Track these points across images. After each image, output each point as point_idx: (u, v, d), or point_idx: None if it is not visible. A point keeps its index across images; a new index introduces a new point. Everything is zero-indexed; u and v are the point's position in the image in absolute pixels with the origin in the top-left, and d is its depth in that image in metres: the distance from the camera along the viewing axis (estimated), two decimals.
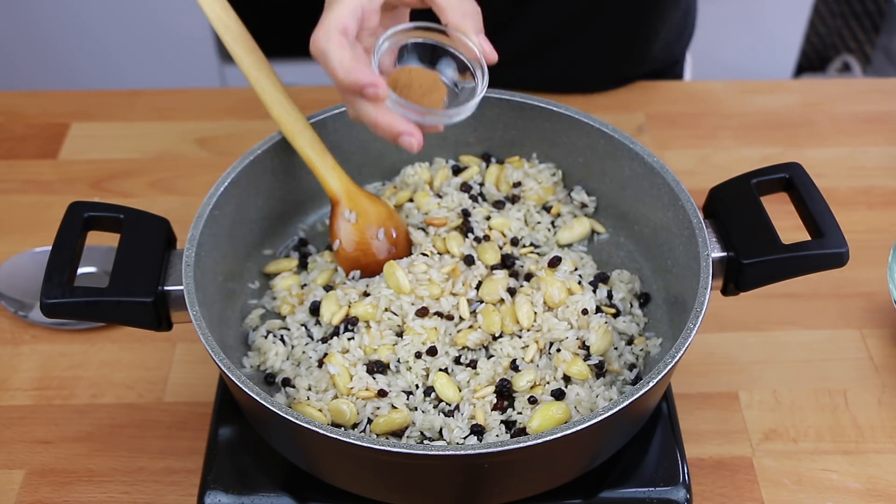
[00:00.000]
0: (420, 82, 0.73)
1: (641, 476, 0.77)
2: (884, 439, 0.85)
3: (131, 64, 2.03)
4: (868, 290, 0.97)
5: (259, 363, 0.80)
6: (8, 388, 0.89)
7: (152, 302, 0.70)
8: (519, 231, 0.87)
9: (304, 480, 0.76)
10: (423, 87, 0.73)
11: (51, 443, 0.85)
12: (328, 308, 0.80)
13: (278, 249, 0.89)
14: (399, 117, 0.71)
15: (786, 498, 0.81)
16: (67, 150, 1.13)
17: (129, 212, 0.74)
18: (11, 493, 0.81)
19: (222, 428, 0.80)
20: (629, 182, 0.84)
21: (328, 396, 0.75)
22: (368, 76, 0.67)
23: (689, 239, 0.76)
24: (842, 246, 0.71)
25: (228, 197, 0.79)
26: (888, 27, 2.48)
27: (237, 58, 0.80)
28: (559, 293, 0.79)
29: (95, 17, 1.95)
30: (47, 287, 0.68)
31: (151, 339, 0.92)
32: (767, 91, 1.22)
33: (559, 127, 0.87)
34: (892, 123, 1.17)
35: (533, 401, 0.74)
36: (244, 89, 1.15)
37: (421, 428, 0.73)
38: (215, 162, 1.11)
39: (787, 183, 0.76)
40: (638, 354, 0.79)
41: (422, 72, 0.74)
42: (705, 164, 1.11)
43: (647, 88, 1.22)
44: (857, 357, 0.91)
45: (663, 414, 0.82)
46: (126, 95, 1.21)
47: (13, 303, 0.94)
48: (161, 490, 0.81)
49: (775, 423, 0.86)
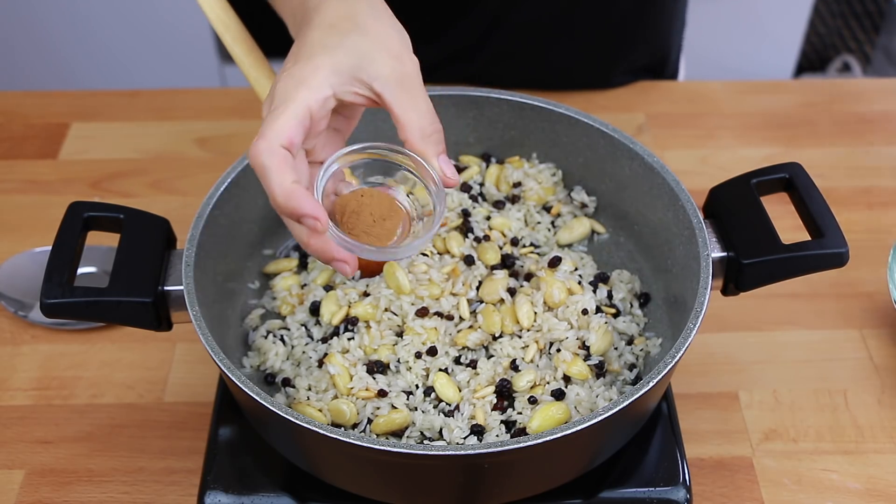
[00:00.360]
0: (372, 209, 0.65)
1: (641, 476, 0.77)
2: (884, 439, 0.85)
3: (131, 64, 2.03)
4: (868, 290, 0.97)
5: (259, 363, 0.80)
6: (8, 388, 0.89)
7: (152, 302, 0.70)
8: (519, 231, 0.87)
9: (304, 480, 0.76)
10: (375, 213, 0.65)
11: (51, 443, 0.85)
12: (328, 308, 0.80)
13: (278, 249, 0.89)
14: (334, 244, 0.63)
15: (786, 498, 0.81)
16: (67, 150, 1.13)
17: (129, 212, 0.74)
18: (11, 493, 0.81)
19: (222, 428, 0.80)
20: (629, 182, 0.84)
21: (328, 396, 0.75)
22: (309, 207, 0.59)
23: (689, 239, 0.76)
24: (842, 246, 0.71)
25: (228, 197, 0.79)
26: (888, 27, 2.48)
27: (237, 58, 0.80)
28: (559, 293, 0.79)
29: (95, 17, 1.95)
30: (47, 287, 0.68)
31: (151, 339, 0.92)
32: (767, 91, 1.22)
33: (559, 127, 0.87)
34: (892, 123, 1.17)
35: (533, 401, 0.74)
36: (244, 89, 1.15)
37: (421, 428, 0.73)
38: (215, 162, 1.11)
39: (787, 183, 0.76)
40: (638, 354, 0.79)
41: (375, 195, 0.66)
42: (705, 164, 1.11)
43: (647, 88, 1.22)
44: (857, 357, 0.91)
45: (663, 414, 0.82)
46: (126, 95, 1.21)
47: (13, 303, 0.94)
48: (161, 490, 0.81)
49: (775, 423, 0.86)
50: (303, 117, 0.61)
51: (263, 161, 0.59)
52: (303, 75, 0.62)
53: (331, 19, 0.65)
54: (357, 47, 0.63)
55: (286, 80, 0.62)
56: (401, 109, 0.64)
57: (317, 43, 0.64)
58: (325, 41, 0.64)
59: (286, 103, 0.61)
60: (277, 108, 0.61)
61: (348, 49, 0.63)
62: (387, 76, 0.63)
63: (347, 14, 0.65)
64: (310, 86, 0.62)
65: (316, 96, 0.62)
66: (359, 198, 0.66)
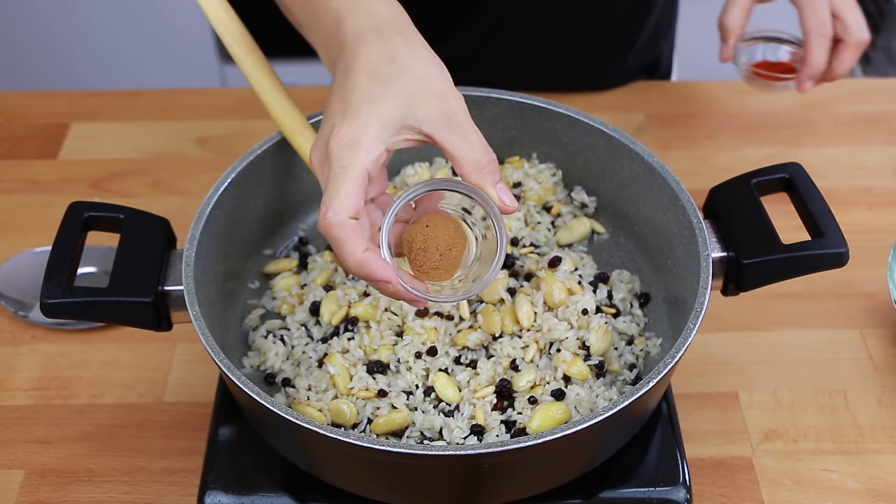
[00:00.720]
0: (438, 243, 0.66)
1: (641, 476, 0.77)
2: (884, 439, 0.85)
3: (132, 64, 2.03)
4: (868, 290, 0.97)
5: (259, 363, 0.80)
6: (8, 388, 0.89)
7: (152, 302, 0.70)
8: (519, 231, 0.87)
9: (304, 480, 0.76)
10: (441, 247, 0.66)
11: (51, 443, 0.85)
12: (328, 308, 0.80)
13: (278, 249, 0.89)
14: (406, 291, 0.64)
15: (786, 498, 0.81)
16: (67, 150, 1.13)
17: (129, 212, 0.74)
18: (11, 493, 0.81)
19: (222, 428, 0.80)
20: (629, 182, 0.84)
21: (328, 396, 0.75)
22: (380, 273, 0.62)
23: (689, 239, 0.76)
24: (842, 246, 0.71)
25: (228, 197, 0.79)
26: (888, 27, 2.48)
27: (237, 58, 0.80)
28: (559, 293, 0.79)
29: (96, 17, 1.95)
30: (47, 287, 0.68)
31: (151, 339, 0.92)
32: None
33: (559, 127, 0.87)
34: (892, 123, 1.17)
35: (533, 401, 0.74)
36: (244, 89, 1.15)
37: (421, 428, 0.73)
38: (215, 162, 1.11)
39: (787, 183, 0.76)
40: (638, 354, 0.79)
41: (440, 224, 0.67)
42: (705, 164, 1.11)
43: (647, 88, 1.22)
44: (857, 357, 0.91)
45: (663, 414, 0.82)
46: (126, 95, 1.21)
47: (13, 303, 0.94)
48: (161, 490, 0.81)
49: (775, 423, 0.86)
50: (362, 181, 0.62)
51: (337, 234, 0.61)
52: (355, 137, 0.62)
53: (372, 63, 0.65)
54: (402, 94, 0.64)
55: (338, 143, 0.62)
56: (453, 147, 0.64)
57: (363, 96, 0.63)
58: (370, 93, 0.63)
59: (346, 171, 0.61)
60: (338, 176, 0.62)
61: (394, 98, 0.63)
62: (435, 118, 0.64)
63: (388, 56, 0.65)
64: (364, 147, 0.62)
65: (371, 157, 0.62)
66: (424, 229, 0.66)
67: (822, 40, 0.98)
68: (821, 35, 0.98)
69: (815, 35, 0.98)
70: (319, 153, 0.64)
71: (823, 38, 0.98)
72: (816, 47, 0.99)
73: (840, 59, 0.99)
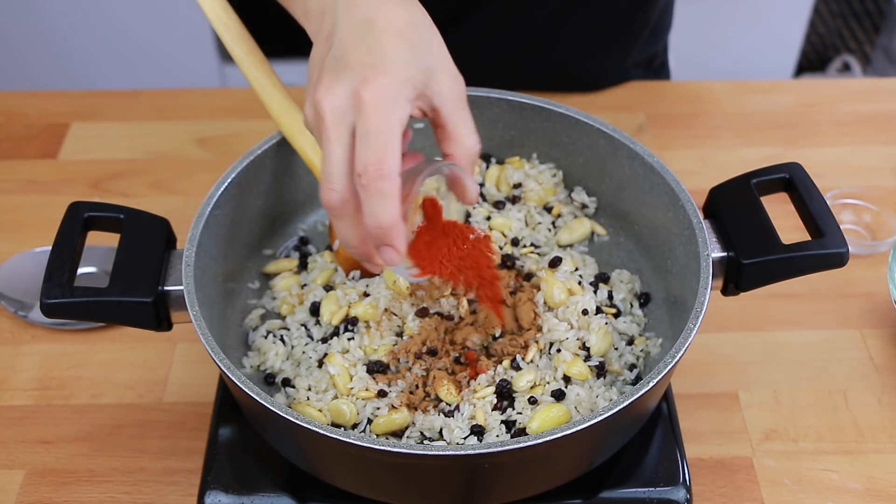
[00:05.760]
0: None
1: (641, 476, 0.77)
2: (884, 439, 0.85)
3: (132, 64, 2.03)
4: (868, 290, 0.97)
5: (259, 363, 0.80)
6: (8, 388, 0.89)
7: (152, 302, 0.70)
8: (519, 231, 0.87)
9: (304, 480, 0.76)
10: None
11: (51, 443, 0.85)
12: (328, 308, 0.80)
13: (278, 249, 0.89)
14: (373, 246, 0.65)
15: (786, 498, 0.81)
16: (67, 150, 1.13)
17: (129, 212, 0.74)
18: (11, 493, 0.81)
19: (222, 428, 0.80)
20: (629, 182, 0.84)
21: (328, 396, 0.75)
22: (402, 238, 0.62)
23: (689, 239, 0.76)
24: (842, 246, 0.71)
25: (228, 197, 0.79)
26: (888, 27, 2.49)
27: (237, 58, 0.80)
28: (560, 293, 0.79)
29: (96, 17, 1.95)
30: (47, 287, 0.68)
31: (151, 339, 0.92)
32: (767, 91, 1.22)
33: (559, 127, 0.87)
34: (892, 123, 1.17)
35: (533, 401, 0.74)
36: (244, 89, 1.15)
37: (421, 428, 0.73)
38: (215, 162, 1.11)
39: (787, 183, 0.76)
40: (638, 355, 0.79)
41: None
42: (705, 164, 1.11)
43: (647, 88, 1.22)
44: (857, 357, 0.91)
45: (663, 414, 0.82)
46: (126, 95, 1.21)
47: (13, 303, 0.94)
48: (161, 490, 0.81)
49: (775, 423, 0.86)
50: (401, 138, 0.61)
51: (386, 188, 0.59)
52: (394, 93, 0.61)
53: (398, 24, 0.64)
54: (426, 63, 0.64)
55: (376, 95, 0.61)
56: (456, 127, 0.65)
57: (396, 54, 0.63)
58: (400, 53, 0.63)
59: (392, 125, 0.61)
60: (383, 129, 0.60)
61: (420, 65, 0.63)
62: (447, 94, 0.65)
63: (412, 21, 0.65)
64: (401, 104, 0.62)
65: (404, 115, 0.62)
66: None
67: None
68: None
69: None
70: (338, 100, 0.61)
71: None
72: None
73: None
